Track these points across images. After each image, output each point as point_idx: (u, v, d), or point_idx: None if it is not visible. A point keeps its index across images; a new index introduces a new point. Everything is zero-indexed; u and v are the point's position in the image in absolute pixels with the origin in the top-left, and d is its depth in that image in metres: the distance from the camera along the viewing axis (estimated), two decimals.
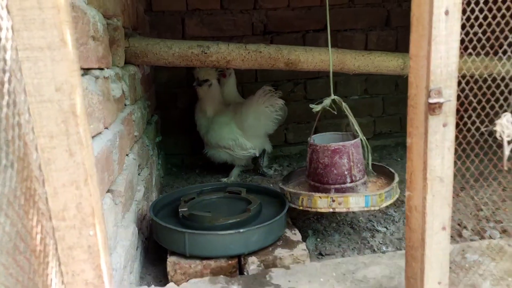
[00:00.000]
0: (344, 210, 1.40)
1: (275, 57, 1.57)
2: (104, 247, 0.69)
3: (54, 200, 0.62)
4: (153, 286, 1.16)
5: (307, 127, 2.78)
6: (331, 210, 1.40)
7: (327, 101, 1.45)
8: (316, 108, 1.45)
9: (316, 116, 1.52)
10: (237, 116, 2.19)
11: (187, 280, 1.18)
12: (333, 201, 1.39)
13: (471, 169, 1.33)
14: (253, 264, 1.27)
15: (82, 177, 0.62)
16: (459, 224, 1.70)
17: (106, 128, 1.02)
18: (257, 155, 2.28)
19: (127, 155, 1.28)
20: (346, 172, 1.45)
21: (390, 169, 1.63)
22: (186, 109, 2.50)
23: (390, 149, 2.87)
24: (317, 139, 1.58)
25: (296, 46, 1.65)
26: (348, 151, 1.44)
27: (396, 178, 1.52)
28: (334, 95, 1.51)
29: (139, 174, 1.52)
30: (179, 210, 1.34)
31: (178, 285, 1.16)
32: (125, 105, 1.33)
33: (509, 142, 0.86)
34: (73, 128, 0.59)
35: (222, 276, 1.20)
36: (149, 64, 1.57)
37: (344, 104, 1.46)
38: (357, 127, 1.50)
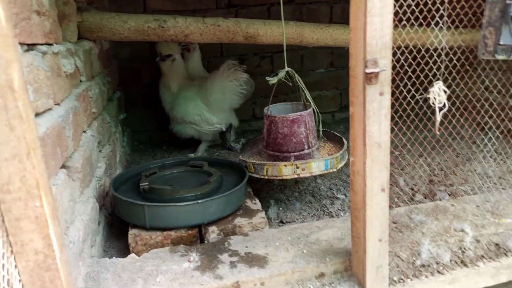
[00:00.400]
0: (307, 175, 1.49)
1: (233, 31, 1.58)
2: (52, 217, 0.71)
3: None
4: (114, 257, 1.19)
5: (275, 101, 2.81)
6: (295, 176, 1.49)
7: (281, 74, 1.49)
8: (272, 80, 1.49)
9: (273, 88, 1.56)
10: (202, 91, 2.20)
11: (148, 251, 1.22)
12: (297, 167, 1.47)
13: (428, 137, 1.42)
14: (213, 233, 1.32)
15: (24, 151, 0.64)
16: (412, 189, 1.81)
17: (58, 104, 1.02)
18: (224, 129, 2.31)
19: (84, 131, 1.28)
20: (303, 140, 1.53)
21: (336, 133, 1.77)
22: (150, 84, 2.47)
23: None
24: (272, 110, 1.63)
25: (255, 20, 1.65)
26: (305, 120, 1.51)
27: (345, 141, 1.63)
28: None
29: (100, 151, 1.52)
30: (140, 184, 1.37)
31: (139, 256, 1.20)
32: (80, 81, 1.32)
33: (440, 109, 0.92)
34: (12, 102, 0.60)
35: (182, 245, 1.24)
36: (105, 39, 1.54)
37: (296, 76, 1.52)
38: (309, 96, 1.57)
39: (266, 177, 1.53)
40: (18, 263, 0.69)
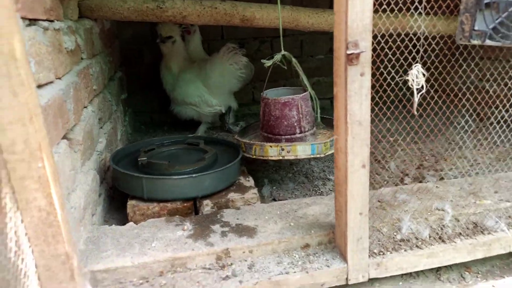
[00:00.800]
0: (292, 157, 1.51)
1: (230, 13, 1.62)
2: (53, 179, 0.78)
3: (3, 136, 0.70)
4: (113, 225, 1.27)
5: (274, 86, 2.86)
6: (280, 158, 1.52)
7: (277, 56, 1.53)
8: (267, 63, 1.54)
9: (268, 71, 1.60)
10: (202, 73, 2.25)
11: (145, 221, 1.29)
12: (282, 149, 1.51)
13: (421, 124, 1.47)
14: (207, 206, 1.40)
15: (27, 116, 0.71)
16: (402, 172, 1.87)
17: (59, 78, 1.08)
18: (223, 111, 2.37)
19: (85, 107, 1.35)
20: (295, 124, 1.57)
21: None
22: (152, 65, 2.53)
23: None
24: (270, 93, 1.68)
25: (252, 3, 1.69)
26: (297, 104, 1.55)
27: None
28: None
29: (101, 128, 1.59)
30: (138, 159, 1.44)
31: (137, 224, 1.28)
32: (81, 58, 1.38)
33: (419, 90, 0.97)
34: (14, 70, 0.67)
35: (177, 216, 1.32)
36: (105, 18, 1.59)
37: (293, 60, 1.55)
38: (306, 82, 1.60)
39: (254, 157, 1.55)
40: (24, 219, 0.77)
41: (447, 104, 1.49)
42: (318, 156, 1.54)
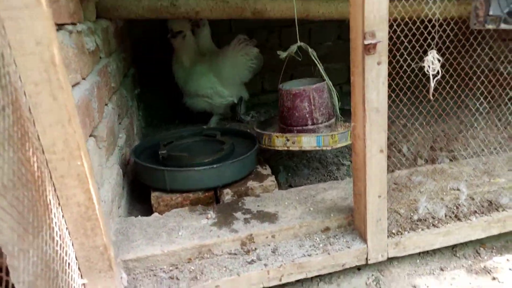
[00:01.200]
0: (297, 148, 1.52)
1: (242, 7, 1.65)
2: (90, 175, 0.83)
3: (44, 137, 0.75)
4: (139, 216, 1.33)
5: (283, 76, 2.87)
6: (285, 148, 1.52)
7: (292, 47, 1.54)
8: (283, 54, 1.55)
9: (284, 63, 1.61)
10: (213, 66, 2.28)
11: (169, 211, 1.35)
12: (288, 140, 1.51)
13: (434, 106, 1.49)
14: (227, 195, 1.45)
15: (65, 117, 0.75)
16: (414, 154, 1.90)
17: (84, 79, 1.13)
18: (235, 102, 2.40)
19: (106, 104, 1.39)
20: (307, 115, 1.57)
21: None
22: (163, 61, 2.56)
23: None
24: (290, 85, 1.68)
25: None
26: (308, 95, 1.56)
27: None
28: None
29: (119, 123, 1.64)
30: (159, 152, 1.49)
31: (161, 214, 1.33)
32: (100, 57, 1.42)
33: (434, 76, 1.00)
34: (54, 75, 0.71)
35: (200, 205, 1.37)
36: (120, 18, 1.63)
37: (310, 50, 1.54)
38: (322, 72, 1.58)
39: (264, 146, 1.58)
40: (65, 214, 0.82)
41: (462, 88, 1.51)
42: (324, 148, 1.52)
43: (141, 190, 1.63)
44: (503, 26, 0.89)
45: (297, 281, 1.18)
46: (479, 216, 1.29)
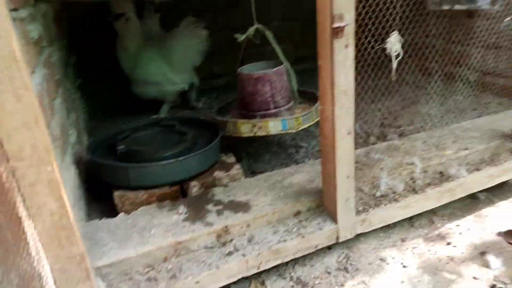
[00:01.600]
0: (264, 134, 1.52)
1: None
2: (61, 180, 0.76)
3: (9, 143, 0.66)
4: (104, 218, 1.25)
5: (233, 58, 2.83)
6: (252, 134, 1.52)
7: (250, 30, 1.50)
8: (241, 37, 1.51)
9: (242, 46, 1.58)
10: (162, 51, 2.16)
11: (136, 209, 1.28)
12: (254, 126, 1.51)
13: (378, 84, 1.56)
14: (195, 187, 1.41)
15: (32, 119, 0.67)
16: (366, 132, 1.99)
17: (33, 72, 1.01)
18: (186, 89, 2.32)
19: (54, 99, 1.27)
20: (269, 99, 1.57)
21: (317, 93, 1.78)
22: (106, 47, 2.38)
23: (311, 73, 3.07)
24: (248, 69, 1.65)
25: None
26: (269, 78, 1.55)
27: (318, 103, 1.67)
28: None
29: (67, 118, 1.51)
30: (117, 148, 1.40)
31: (128, 214, 1.26)
32: (42, 47, 1.28)
33: (396, 57, 1.04)
34: (17, 73, 0.63)
35: (168, 200, 1.33)
36: None
37: (267, 32, 1.52)
38: (280, 55, 1.58)
39: (228, 134, 1.55)
40: (36, 225, 0.74)
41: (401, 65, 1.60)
42: (290, 131, 1.54)
43: (98, 189, 1.53)
44: (457, 7, 0.96)
45: (274, 266, 1.20)
46: (433, 187, 1.39)
